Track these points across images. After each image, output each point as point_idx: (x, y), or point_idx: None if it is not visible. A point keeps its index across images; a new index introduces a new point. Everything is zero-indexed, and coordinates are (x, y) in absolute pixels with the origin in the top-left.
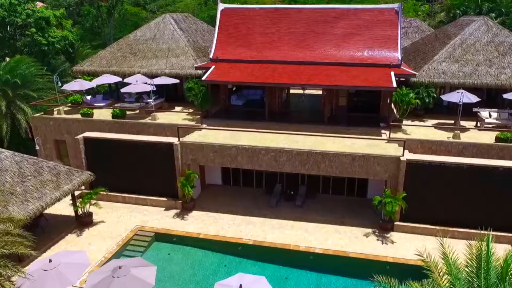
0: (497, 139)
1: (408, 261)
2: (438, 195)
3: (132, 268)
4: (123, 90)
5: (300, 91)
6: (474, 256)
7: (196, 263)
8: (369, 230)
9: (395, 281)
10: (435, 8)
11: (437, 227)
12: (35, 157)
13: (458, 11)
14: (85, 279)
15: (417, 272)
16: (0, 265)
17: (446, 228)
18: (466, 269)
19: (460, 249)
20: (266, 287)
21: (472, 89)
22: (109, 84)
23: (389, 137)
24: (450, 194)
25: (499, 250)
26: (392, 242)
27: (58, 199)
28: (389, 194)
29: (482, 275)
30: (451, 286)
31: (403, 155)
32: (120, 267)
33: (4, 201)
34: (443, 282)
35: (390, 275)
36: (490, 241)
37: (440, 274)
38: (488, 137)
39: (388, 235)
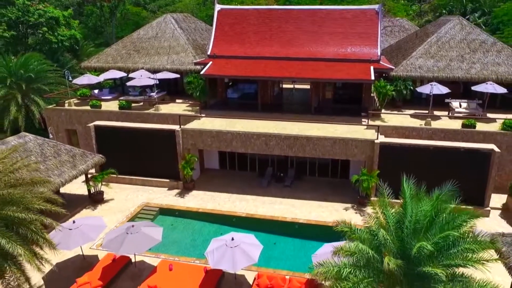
0: (463, 125)
1: None
2: (408, 173)
3: (143, 227)
4: (128, 83)
5: (291, 86)
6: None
7: (196, 232)
8: (349, 205)
9: (353, 224)
10: (424, 8)
11: None
12: (54, 141)
13: (444, 11)
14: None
15: None
16: (40, 217)
17: None
18: (399, 209)
19: None
20: (254, 241)
21: (450, 82)
22: (114, 80)
23: (368, 123)
24: (418, 171)
25: None
26: (368, 214)
27: (75, 177)
28: (365, 173)
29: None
30: (386, 219)
31: (377, 138)
32: (133, 226)
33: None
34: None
35: None
36: (410, 191)
37: (381, 215)
38: (457, 124)
39: (365, 209)
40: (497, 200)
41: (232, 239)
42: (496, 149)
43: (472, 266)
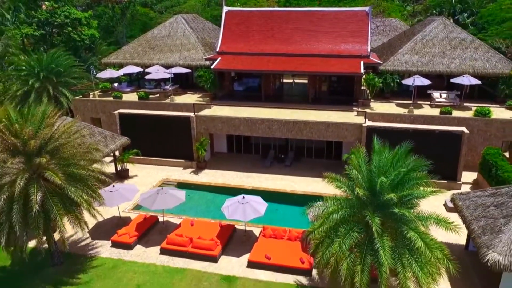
0: (441, 112)
1: None
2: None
3: (170, 190)
4: (146, 77)
5: (291, 80)
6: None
7: (209, 201)
8: None
9: (336, 175)
10: (418, 8)
11: None
12: (88, 124)
13: (434, 12)
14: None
15: None
16: (96, 174)
17: None
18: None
19: None
20: (260, 200)
21: (436, 76)
22: (130, 75)
23: (358, 110)
24: None
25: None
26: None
27: (108, 155)
28: (354, 151)
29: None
30: (359, 165)
31: (365, 122)
32: (162, 188)
33: None
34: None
35: None
36: (378, 146)
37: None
38: (436, 112)
39: None
40: (469, 176)
41: (243, 197)
42: (466, 131)
43: (420, 197)
